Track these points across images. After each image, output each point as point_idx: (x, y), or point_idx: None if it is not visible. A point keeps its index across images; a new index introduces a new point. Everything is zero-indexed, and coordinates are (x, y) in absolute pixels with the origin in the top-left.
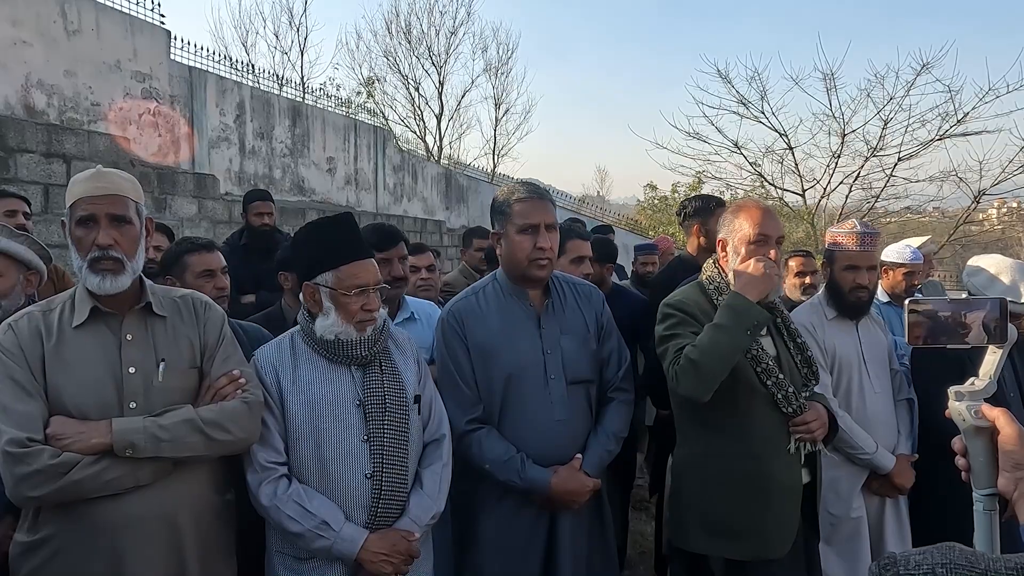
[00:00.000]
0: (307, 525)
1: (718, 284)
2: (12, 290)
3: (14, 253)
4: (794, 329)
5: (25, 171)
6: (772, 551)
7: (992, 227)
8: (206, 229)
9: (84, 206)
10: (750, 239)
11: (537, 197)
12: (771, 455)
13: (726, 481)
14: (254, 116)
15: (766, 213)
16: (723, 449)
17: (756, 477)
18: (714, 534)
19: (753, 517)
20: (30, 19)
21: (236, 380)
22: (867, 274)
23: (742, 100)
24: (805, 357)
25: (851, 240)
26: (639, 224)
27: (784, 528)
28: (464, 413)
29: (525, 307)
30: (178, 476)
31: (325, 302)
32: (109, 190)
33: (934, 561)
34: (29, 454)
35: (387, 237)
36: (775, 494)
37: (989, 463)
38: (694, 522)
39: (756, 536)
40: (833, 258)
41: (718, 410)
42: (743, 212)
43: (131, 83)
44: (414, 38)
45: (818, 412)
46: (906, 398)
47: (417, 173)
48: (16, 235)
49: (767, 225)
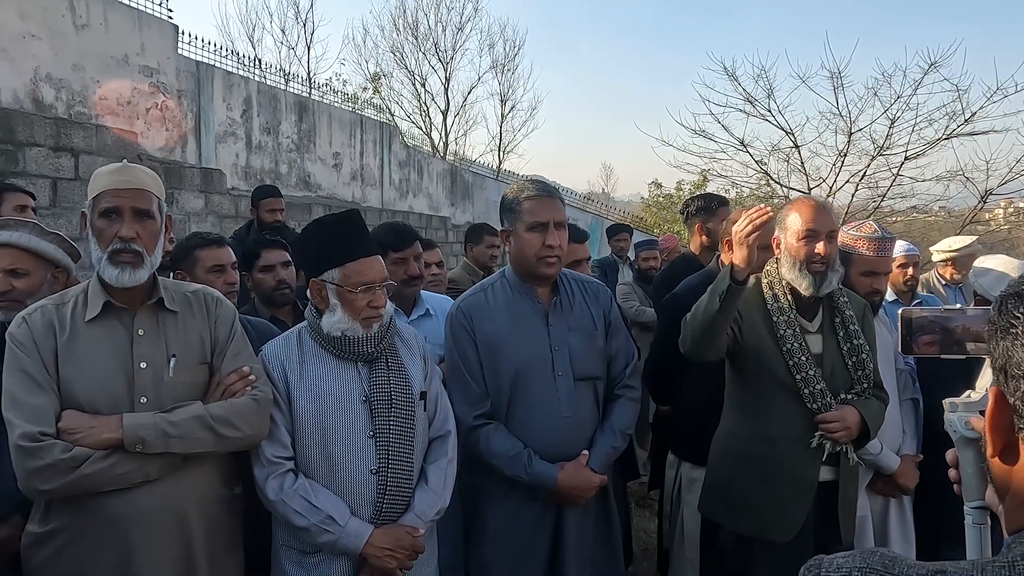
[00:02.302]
0: (313, 519)
1: (771, 280)
2: (40, 288)
3: (44, 252)
4: (854, 331)
5: (33, 165)
6: (772, 533)
7: (999, 227)
8: (212, 224)
9: (109, 198)
10: (800, 234)
11: (546, 195)
12: (787, 444)
13: (739, 459)
14: (260, 111)
15: (817, 208)
16: (741, 429)
17: (766, 462)
18: (725, 506)
19: (757, 497)
20: (38, 13)
21: (246, 377)
22: (884, 279)
23: (749, 98)
24: (859, 360)
25: (871, 246)
26: (644, 221)
27: (787, 515)
28: (472, 408)
29: (533, 304)
30: (187, 470)
31: (331, 299)
32: (134, 184)
33: (853, 565)
34: (41, 448)
35: (403, 236)
36: (782, 481)
37: (978, 475)
38: (711, 491)
39: (757, 516)
40: (850, 261)
41: (743, 392)
42: (794, 208)
43: (139, 77)
44: (421, 34)
45: (844, 415)
46: (911, 397)
47: (423, 169)
48: (46, 233)
49: (817, 220)
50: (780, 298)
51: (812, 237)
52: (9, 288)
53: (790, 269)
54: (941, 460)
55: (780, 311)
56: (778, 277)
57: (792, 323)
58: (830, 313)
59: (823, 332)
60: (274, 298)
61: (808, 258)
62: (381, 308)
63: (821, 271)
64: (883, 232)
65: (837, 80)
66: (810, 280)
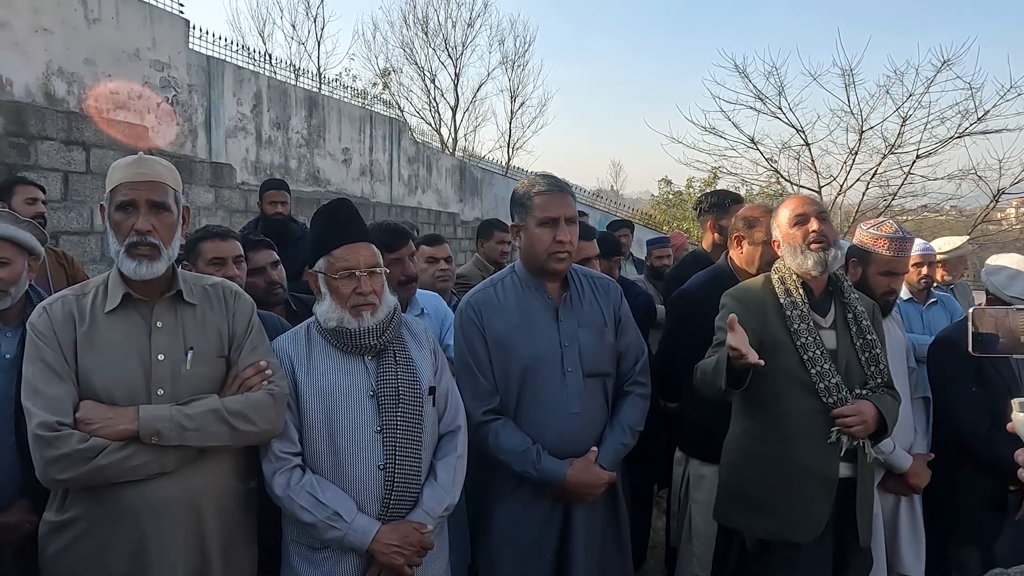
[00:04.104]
0: (319, 516)
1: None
2: (19, 277)
3: (22, 241)
4: (866, 326)
5: (45, 158)
6: (795, 534)
7: (1011, 226)
8: (222, 218)
9: (125, 191)
10: (792, 221)
11: (558, 190)
12: (804, 441)
13: (757, 459)
14: (271, 106)
15: (803, 198)
16: (756, 428)
17: (784, 460)
18: (743, 509)
19: (777, 497)
20: (51, 7)
21: (263, 371)
22: (901, 279)
23: (759, 95)
24: (873, 355)
25: (891, 245)
26: (653, 219)
27: (809, 514)
28: (481, 404)
29: (543, 299)
30: (202, 463)
31: (322, 288)
32: (149, 176)
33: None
34: (59, 438)
35: (397, 236)
36: (802, 479)
37: None
38: (728, 495)
39: (778, 517)
40: (868, 260)
41: (757, 392)
42: (782, 206)
43: (150, 72)
44: (431, 29)
45: (860, 409)
46: (921, 396)
47: (432, 165)
48: (20, 221)
49: (805, 205)
50: (792, 293)
51: (803, 220)
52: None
53: (793, 257)
54: (951, 459)
55: (793, 306)
56: (788, 272)
57: (805, 317)
58: (842, 309)
59: (836, 328)
60: (268, 299)
61: (805, 238)
62: (368, 295)
63: (823, 246)
64: (903, 232)
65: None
66: (815, 259)
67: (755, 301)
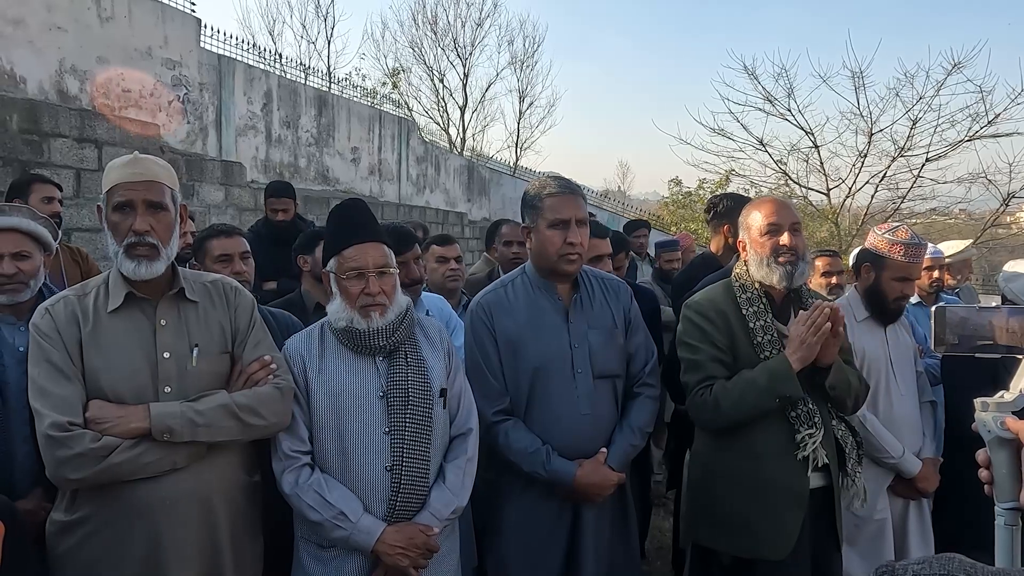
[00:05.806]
0: (325, 515)
1: (743, 283)
2: (38, 271)
3: (39, 235)
4: None
5: (58, 155)
6: (768, 551)
7: (1020, 230)
8: (232, 216)
9: (121, 192)
10: (763, 230)
11: (568, 192)
12: (773, 457)
13: (728, 477)
14: (281, 105)
15: (777, 203)
16: (727, 447)
17: (755, 477)
18: (715, 527)
19: (750, 515)
20: (64, 5)
21: (267, 365)
22: (914, 284)
23: (768, 97)
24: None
25: (908, 252)
26: (661, 219)
27: (782, 530)
28: (491, 404)
29: (553, 301)
30: (212, 458)
31: (333, 288)
32: (145, 176)
33: (932, 571)
34: (71, 438)
35: (402, 240)
36: (773, 495)
37: (1012, 476)
38: (700, 514)
39: (752, 534)
40: (883, 265)
41: None
42: (754, 207)
43: (161, 70)
44: (440, 29)
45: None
46: (929, 400)
47: (440, 164)
48: (37, 216)
49: (778, 214)
50: (756, 302)
51: (775, 231)
52: (16, 271)
53: (758, 267)
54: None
55: (756, 316)
56: (749, 280)
57: (769, 328)
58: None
59: None
60: None
61: (774, 251)
62: (376, 295)
63: (791, 261)
64: (918, 238)
65: (858, 80)
66: (780, 273)
67: (718, 313)
